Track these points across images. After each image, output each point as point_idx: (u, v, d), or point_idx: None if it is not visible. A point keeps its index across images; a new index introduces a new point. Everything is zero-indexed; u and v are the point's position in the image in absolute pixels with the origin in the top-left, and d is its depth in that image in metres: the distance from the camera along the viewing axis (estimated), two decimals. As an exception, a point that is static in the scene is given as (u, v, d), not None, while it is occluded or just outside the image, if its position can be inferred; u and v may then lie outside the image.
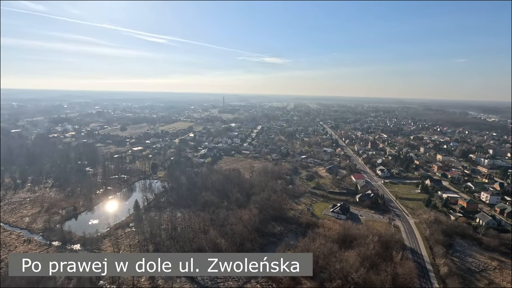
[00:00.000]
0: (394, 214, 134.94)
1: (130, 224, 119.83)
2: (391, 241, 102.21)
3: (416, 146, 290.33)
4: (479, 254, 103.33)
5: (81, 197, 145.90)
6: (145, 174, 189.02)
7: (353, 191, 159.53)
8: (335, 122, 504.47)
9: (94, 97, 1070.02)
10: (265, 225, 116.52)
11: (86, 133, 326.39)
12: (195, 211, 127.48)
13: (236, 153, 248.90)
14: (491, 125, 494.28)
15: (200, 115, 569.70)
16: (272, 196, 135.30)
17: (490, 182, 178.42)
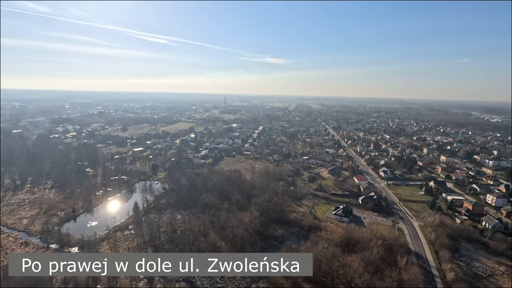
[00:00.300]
0: (398, 216, 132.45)
1: (129, 226, 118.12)
2: (395, 245, 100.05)
3: (419, 147, 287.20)
4: (485, 258, 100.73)
5: (80, 199, 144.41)
6: (146, 175, 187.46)
7: (355, 193, 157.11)
8: (337, 122, 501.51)
9: (95, 97, 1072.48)
10: (266, 228, 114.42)
11: (87, 133, 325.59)
12: (195, 213, 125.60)
13: (237, 154, 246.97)
14: (495, 125, 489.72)
15: (202, 116, 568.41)
16: (273, 198, 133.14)
17: (495, 184, 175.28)
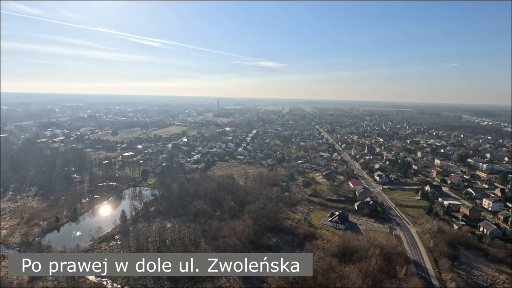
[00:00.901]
0: (395, 223, 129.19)
1: (116, 236, 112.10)
2: (394, 254, 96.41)
3: (413, 151, 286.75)
4: (485, 266, 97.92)
5: (65, 207, 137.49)
6: (135, 181, 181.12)
7: (351, 198, 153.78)
8: (330, 126, 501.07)
9: (88, 100, 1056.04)
10: (260, 237, 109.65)
11: (75, 138, 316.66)
12: (186, 221, 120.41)
13: (231, 158, 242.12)
14: (486, 128, 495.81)
15: (195, 119, 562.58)
16: (267, 205, 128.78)
17: (490, 187, 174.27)
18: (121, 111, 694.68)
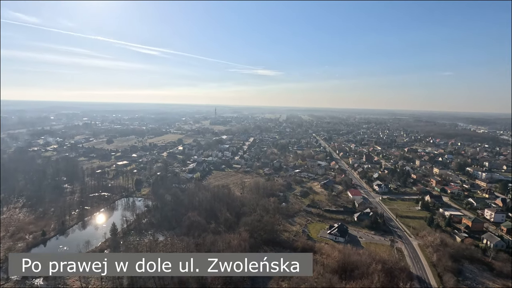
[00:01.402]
0: (396, 235, 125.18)
1: (106, 251, 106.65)
2: (396, 269, 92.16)
3: (411, 159, 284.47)
4: (491, 281, 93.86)
5: (53, 219, 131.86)
6: (128, 191, 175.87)
7: (350, 209, 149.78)
8: (328, 134, 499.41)
9: (84, 108, 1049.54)
10: (256, 251, 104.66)
11: (69, 146, 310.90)
12: (179, 234, 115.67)
13: (227, 167, 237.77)
14: (482, 136, 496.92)
15: (191, 127, 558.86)
16: (264, 217, 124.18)
17: (491, 197, 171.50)
18: (118, 118, 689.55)
